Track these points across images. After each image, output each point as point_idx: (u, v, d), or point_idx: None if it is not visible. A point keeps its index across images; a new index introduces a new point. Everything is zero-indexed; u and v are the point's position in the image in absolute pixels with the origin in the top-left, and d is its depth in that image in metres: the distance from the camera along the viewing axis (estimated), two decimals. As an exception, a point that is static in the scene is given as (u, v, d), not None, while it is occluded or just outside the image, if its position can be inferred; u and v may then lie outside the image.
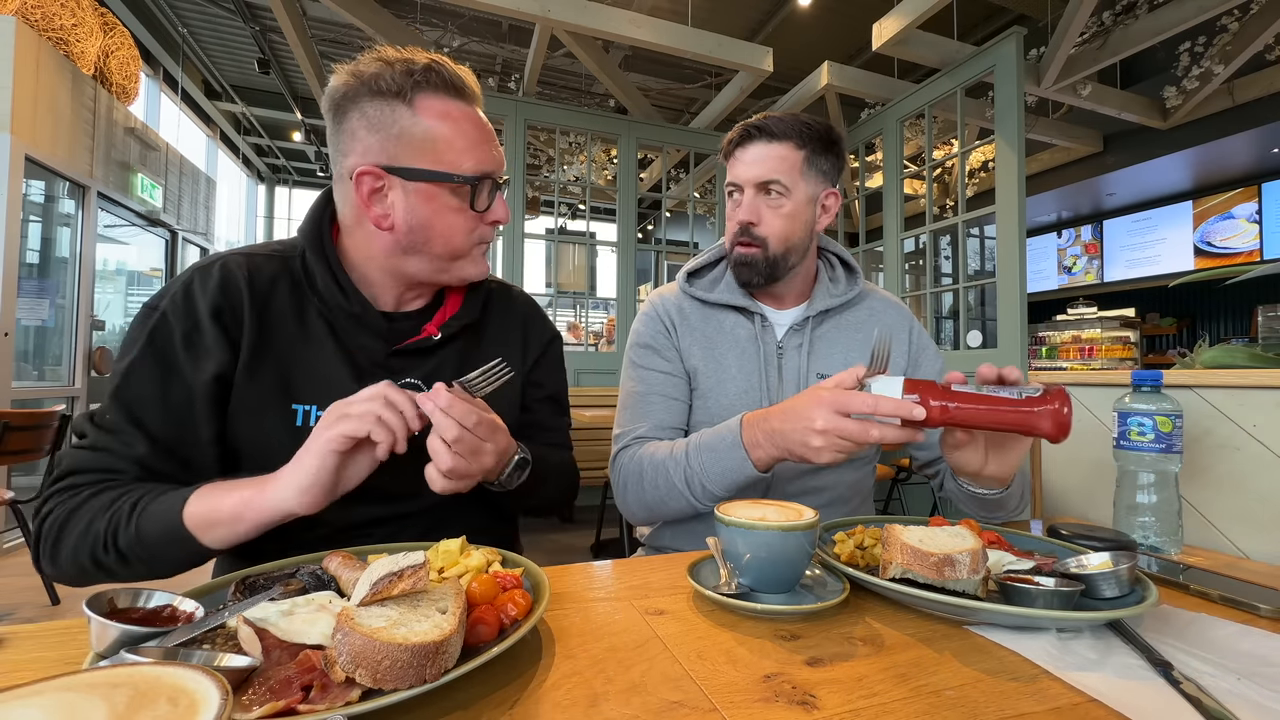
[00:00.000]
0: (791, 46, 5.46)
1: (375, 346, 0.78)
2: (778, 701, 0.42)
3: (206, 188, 6.21)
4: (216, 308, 0.71)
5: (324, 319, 0.77)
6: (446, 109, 0.72)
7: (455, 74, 0.74)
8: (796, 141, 0.96)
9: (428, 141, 0.71)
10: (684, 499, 0.86)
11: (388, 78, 0.70)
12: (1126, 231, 8.08)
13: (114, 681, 0.29)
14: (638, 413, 1.00)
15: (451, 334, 0.82)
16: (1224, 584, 0.65)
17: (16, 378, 3.48)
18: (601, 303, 9.21)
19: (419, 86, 0.71)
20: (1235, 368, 0.96)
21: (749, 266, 0.99)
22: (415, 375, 0.80)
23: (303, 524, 0.74)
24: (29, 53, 3.42)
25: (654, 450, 0.92)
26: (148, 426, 0.67)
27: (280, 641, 0.42)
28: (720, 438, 0.83)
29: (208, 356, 0.69)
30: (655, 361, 1.03)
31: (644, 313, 1.09)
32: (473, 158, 0.73)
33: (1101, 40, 3.94)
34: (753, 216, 0.97)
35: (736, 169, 0.99)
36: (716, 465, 0.82)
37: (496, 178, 0.76)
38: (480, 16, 4.68)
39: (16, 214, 3.35)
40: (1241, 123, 5.35)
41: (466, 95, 0.75)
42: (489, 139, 0.76)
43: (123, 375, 0.68)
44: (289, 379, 0.74)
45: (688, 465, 0.85)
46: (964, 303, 3.93)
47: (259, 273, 0.75)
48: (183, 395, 0.69)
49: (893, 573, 0.56)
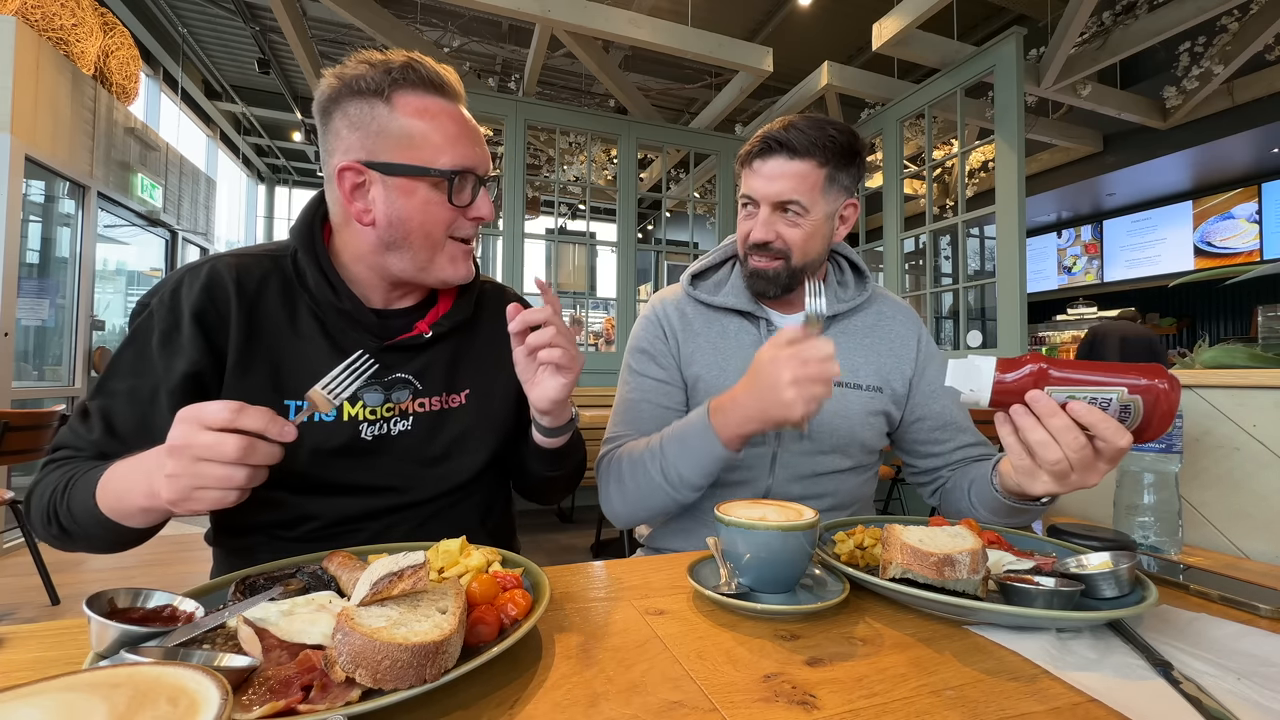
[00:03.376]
0: (791, 46, 5.46)
1: (367, 342, 0.78)
2: (778, 701, 0.42)
3: (206, 188, 6.20)
4: (200, 309, 0.72)
5: (315, 316, 0.78)
6: (425, 105, 0.73)
7: (434, 71, 0.74)
8: (819, 160, 0.92)
9: (405, 137, 0.72)
10: (663, 491, 0.85)
11: (368, 78, 0.72)
12: (1126, 231, 8.08)
13: (114, 681, 0.29)
14: (627, 419, 1.00)
15: (443, 332, 0.83)
16: (1224, 584, 0.65)
17: (16, 378, 3.48)
18: (601, 303, 9.21)
19: (397, 84, 0.72)
20: (1235, 368, 0.96)
21: (767, 279, 0.97)
22: (406, 371, 0.81)
23: (287, 520, 0.75)
24: (29, 53, 3.42)
25: (630, 448, 0.92)
26: (113, 416, 0.70)
27: (280, 641, 0.42)
28: (690, 425, 0.84)
29: (181, 355, 0.71)
30: (650, 368, 1.02)
31: (644, 315, 1.08)
32: (450, 153, 0.73)
33: (1101, 40, 3.94)
34: (768, 236, 0.94)
35: (753, 182, 0.95)
36: (688, 453, 0.83)
37: (478, 173, 0.76)
38: (480, 16, 4.68)
39: (16, 214, 3.35)
40: (1241, 123, 5.36)
41: (446, 92, 0.75)
42: (470, 135, 0.76)
43: (108, 365, 0.73)
44: (280, 375, 0.75)
45: (662, 456, 0.85)
46: (964, 303, 3.93)
47: (248, 273, 0.76)
48: (149, 390, 0.71)
49: (893, 573, 0.56)
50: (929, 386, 1.03)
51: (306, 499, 0.75)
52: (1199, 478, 0.90)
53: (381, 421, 0.78)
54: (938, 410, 1.02)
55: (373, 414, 0.78)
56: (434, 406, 0.82)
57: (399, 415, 0.79)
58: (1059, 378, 0.61)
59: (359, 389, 0.71)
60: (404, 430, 0.79)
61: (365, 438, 0.77)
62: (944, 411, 1.02)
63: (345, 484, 0.76)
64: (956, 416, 1.02)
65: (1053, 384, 0.61)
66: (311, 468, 0.74)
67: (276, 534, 0.75)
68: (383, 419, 0.78)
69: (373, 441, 0.77)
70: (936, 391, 1.03)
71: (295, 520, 0.75)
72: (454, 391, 0.84)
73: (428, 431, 0.81)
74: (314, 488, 0.75)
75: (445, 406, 0.83)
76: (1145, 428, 0.61)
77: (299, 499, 0.74)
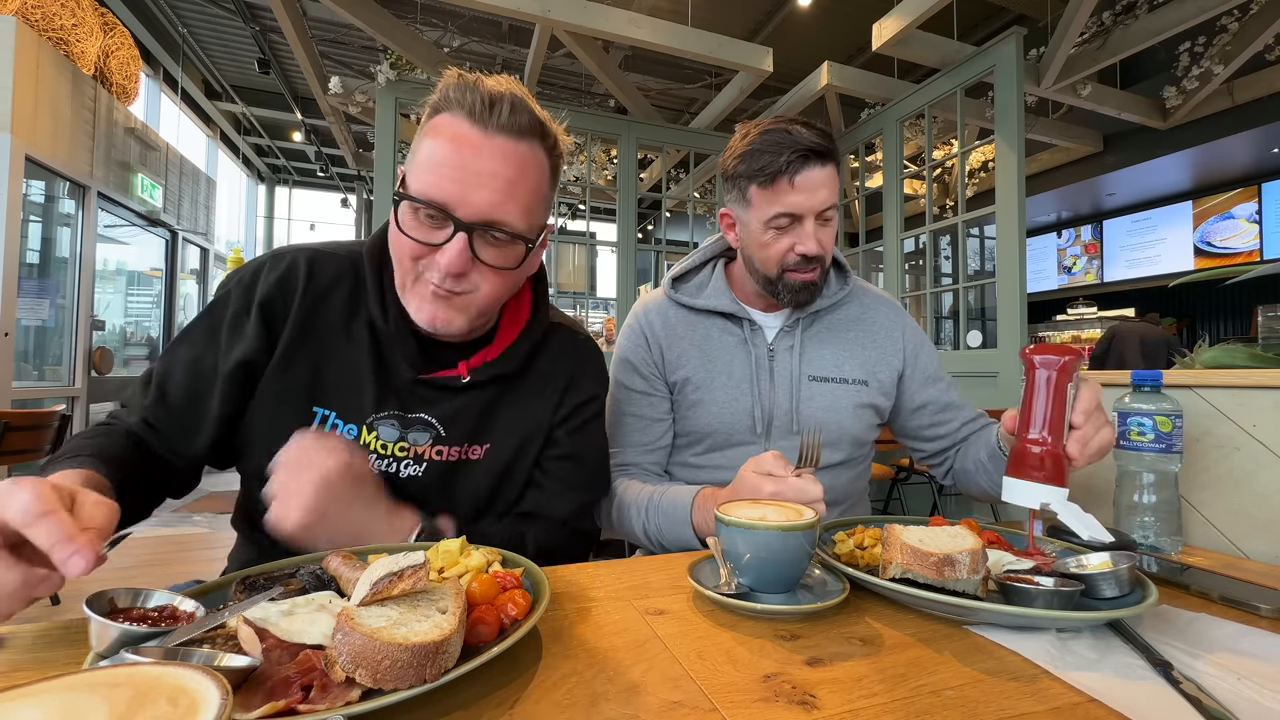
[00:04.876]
0: (791, 46, 5.46)
1: (404, 370, 0.74)
2: (778, 701, 0.42)
3: (206, 188, 6.21)
4: (268, 298, 0.73)
5: (370, 329, 0.75)
6: (450, 128, 0.65)
7: (491, 98, 0.65)
8: (836, 159, 0.92)
9: (415, 158, 0.68)
10: (643, 541, 0.92)
11: (433, 99, 0.68)
12: (1126, 231, 8.08)
13: (114, 681, 0.29)
14: (615, 435, 1.02)
15: (482, 380, 0.76)
16: (1224, 584, 0.65)
17: (16, 378, 3.48)
18: (601, 303, 9.21)
19: (441, 106, 0.67)
20: (1235, 368, 0.95)
21: (813, 289, 0.97)
22: (434, 413, 0.75)
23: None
24: (29, 53, 3.42)
25: (624, 490, 0.95)
26: (168, 383, 0.72)
27: (280, 641, 0.42)
28: (675, 508, 0.86)
29: (243, 340, 0.72)
30: (633, 379, 1.03)
31: (627, 324, 1.08)
32: (428, 179, 0.65)
33: (1101, 40, 3.94)
34: (820, 248, 0.93)
35: (795, 198, 0.90)
36: (670, 529, 0.87)
37: (455, 214, 0.65)
38: (480, 16, 4.67)
39: (16, 214, 3.35)
40: (1241, 123, 5.36)
41: (483, 121, 0.65)
42: (461, 170, 0.64)
43: (180, 332, 0.75)
44: (317, 380, 0.73)
45: (646, 519, 0.90)
46: (964, 303, 3.93)
47: (323, 269, 0.76)
48: (210, 367, 0.72)
49: (893, 573, 0.56)
50: (923, 374, 1.06)
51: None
52: (1199, 478, 0.90)
53: (391, 460, 0.74)
54: (935, 394, 1.05)
55: (384, 449, 0.74)
56: (451, 457, 0.76)
57: (412, 459, 0.75)
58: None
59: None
60: (413, 475, 0.75)
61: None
62: (942, 395, 1.06)
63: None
64: (953, 398, 1.06)
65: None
66: None
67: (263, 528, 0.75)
68: (393, 457, 0.74)
69: (377, 475, 0.72)
70: (931, 377, 1.06)
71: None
72: (476, 443, 0.78)
73: (438, 482, 0.76)
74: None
75: (464, 458, 0.77)
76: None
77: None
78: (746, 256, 1.01)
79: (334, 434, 0.67)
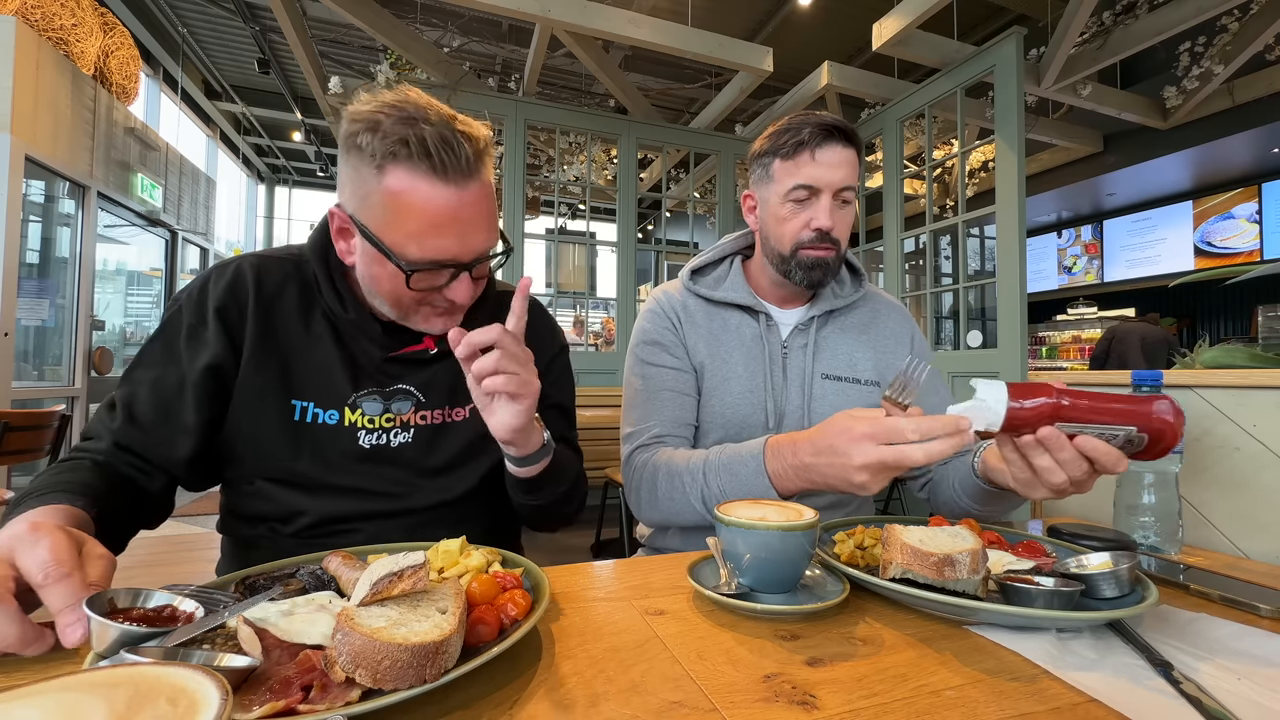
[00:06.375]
0: (791, 46, 5.46)
1: (373, 351, 0.79)
2: (778, 701, 0.42)
3: (206, 188, 6.21)
4: (222, 304, 0.75)
5: (329, 320, 0.79)
6: (411, 185, 0.65)
7: (440, 143, 0.65)
8: (857, 145, 0.96)
9: (383, 210, 0.67)
10: (696, 513, 0.85)
11: (366, 142, 0.66)
12: (1126, 231, 8.08)
13: (114, 681, 0.29)
14: (648, 410, 0.98)
15: (449, 349, 0.79)
16: (1224, 584, 0.65)
17: (16, 378, 3.48)
18: (601, 303, 9.21)
19: (390, 157, 0.65)
20: (1235, 368, 0.96)
21: (826, 268, 0.98)
22: (409, 383, 0.80)
23: (284, 515, 0.75)
24: (29, 53, 3.42)
25: (669, 459, 0.90)
26: (134, 405, 0.72)
27: (280, 641, 0.42)
28: (742, 463, 0.80)
29: (205, 348, 0.74)
30: (663, 358, 1.02)
31: (648, 309, 1.08)
32: (421, 245, 0.67)
33: (1101, 40, 3.94)
34: (834, 223, 0.95)
35: (814, 170, 0.94)
36: (738, 491, 0.80)
37: (459, 262, 0.70)
38: (480, 16, 4.67)
39: (16, 214, 3.35)
40: (1241, 123, 5.36)
41: (448, 174, 0.66)
42: (455, 226, 0.68)
43: (136, 357, 0.76)
44: (290, 375, 0.76)
45: (705, 485, 0.83)
46: (964, 303, 3.93)
47: (269, 274, 0.78)
48: (175, 381, 0.73)
49: (893, 573, 0.56)
50: (928, 384, 1.04)
51: (304, 496, 0.75)
52: (1199, 478, 0.90)
53: (380, 432, 0.78)
54: (929, 410, 1.02)
55: (370, 423, 0.78)
56: (435, 420, 0.81)
57: (399, 427, 0.79)
58: (1074, 416, 0.61)
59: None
60: (404, 442, 0.79)
61: (363, 445, 0.77)
62: (934, 412, 1.02)
63: (343, 486, 0.76)
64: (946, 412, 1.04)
65: (1067, 420, 0.61)
66: (311, 468, 0.75)
67: (276, 528, 0.76)
68: (381, 429, 0.78)
69: (371, 450, 0.77)
70: (927, 392, 1.04)
71: (290, 515, 0.76)
72: (457, 406, 0.83)
73: (428, 444, 0.80)
74: (312, 486, 0.75)
75: (447, 420, 0.82)
76: (1145, 454, 0.63)
77: (296, 495, 0.75)
78: (764, 238, 1.03)
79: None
